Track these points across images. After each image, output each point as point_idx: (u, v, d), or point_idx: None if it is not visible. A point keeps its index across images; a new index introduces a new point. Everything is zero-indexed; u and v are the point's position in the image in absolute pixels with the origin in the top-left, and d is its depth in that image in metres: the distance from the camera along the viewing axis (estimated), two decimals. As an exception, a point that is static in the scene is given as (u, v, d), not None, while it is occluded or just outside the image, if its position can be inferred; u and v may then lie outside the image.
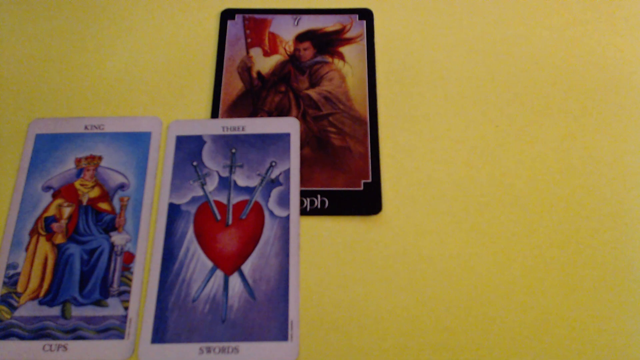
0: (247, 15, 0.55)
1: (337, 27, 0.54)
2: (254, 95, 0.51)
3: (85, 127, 0.49)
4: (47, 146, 0.48)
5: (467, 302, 0.43)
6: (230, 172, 0.47)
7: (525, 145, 0.48)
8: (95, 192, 0.46)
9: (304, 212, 0.46)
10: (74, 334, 0.42)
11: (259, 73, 0.52)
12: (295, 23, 0.54)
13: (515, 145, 0.48)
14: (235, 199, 0.46)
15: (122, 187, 0.47)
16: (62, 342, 0.41)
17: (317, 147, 0.48)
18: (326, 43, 0.53)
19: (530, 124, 0.49)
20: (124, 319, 0.42)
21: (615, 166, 0.47)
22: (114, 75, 0.52)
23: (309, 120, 0.50)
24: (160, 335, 0.41)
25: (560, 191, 0.47)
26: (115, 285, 0.43)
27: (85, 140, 0.49)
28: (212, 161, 0.47)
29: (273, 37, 0.54)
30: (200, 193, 0.46)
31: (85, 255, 0.44)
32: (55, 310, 0.42)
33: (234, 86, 0.51)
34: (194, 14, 0.55)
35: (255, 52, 0.53)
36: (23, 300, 0.43)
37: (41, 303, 0.43)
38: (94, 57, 0.53)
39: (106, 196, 0.46)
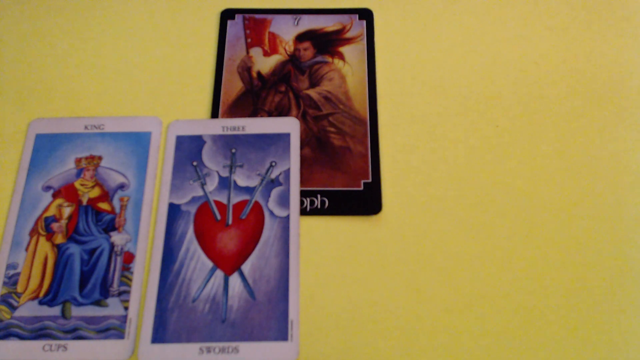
0: (247, 15, 0.55)
1: (337, 27, 0.54)
2: (254, 95, 0.51)
3: (85, 127, 0.49)
4: (47, 146, 0.48)
5: (467, 302, 0.43)
6: (230, 172, 0.47)
7: (525, 145, 0.48)
8: (95, 192, 0.46)
9: (304, 212, 0.46)
10: (74, 334, 0.42)
11: (259, 73, 0.52)
12: (295, 23, 0.54)
13: (515, 145, 0.48)
14: (235, 199, 0.46)
15: (122, 187, 0.47)
16: (62, 342, 0.41)
17: (317, 147, 0.48)
18: (326, 43, 0.53)
19: (530, 124, 0.49)
20: (124, 319, 0.42)
21: (615, 166, 0.47)
22: (114, 75, 0.52)
23: (309, 120, 0.50)
24: (160, 335, 0.41)
25: (560, 191, 0.47)
26: (115, 285, 0.43)
27: (85, 140, 0.49)
28: (212, 161, 0.47)
29: (273, 37, 0.54)
30: (200, 193, 0.46)
31: (85, 255, 0.44)
32: (55, 310, 0.42)
33: (234, 86, 0.51)
34: (194, 14, 0.55)
35: (255, 52, 0.53)
36: (23, 300, 0.43)
37: (41, 303, 0.43)
38: (94, 57, 0.53)
39: (106, 196, 0.46)
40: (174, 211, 0.46)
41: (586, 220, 0.45)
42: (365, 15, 0.55)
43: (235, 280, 0.43)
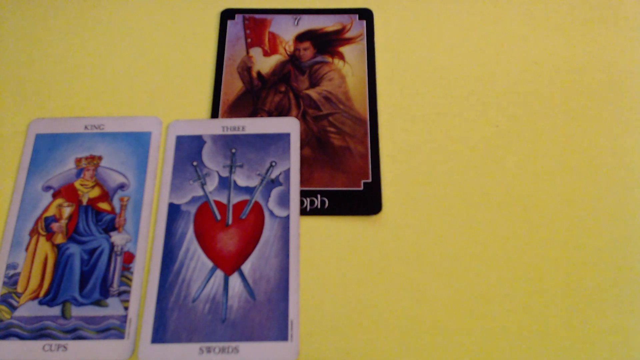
0: (247, 15, 0.55)
1: (337, 27, 0.54)
2: (254, 95, 0.51)
3: (85, 127, 0.49)
4: (47, 146, 0.48)
5: (467, 302, 0.43)
6: (230, 172, 0.47)
7: (525, 145, 0.48)
8: (95, 192, 0.46)
9: (304, 212, 0.46)
10: (74, 334, 0.42)
11: (259, 73, 0.52)
12: (295, 23, 0.54)
13: (515, 145, 0.48)
14: (235, 199, 0.46)
15: (122, 187, 0.47)
16: (62, 342, 0.41)
17: (317, 147, 0.48)
18: (326, 43, 0.53)
19: (530, 124, 0.49)
20: (124, 319, 0.42)
21: (615, 166, 0.47)
22: (114, 75, 0.52)
23: (309, 120, 0.50)
24: (160, 335, 0.41)
25: (560, 191, 0.47)
26: (115, 285, 0.43)
27: (85, 140, 0.49)
28: (212, 161, 0.47)
29: (273, 37, 0.54)
30: (200, 193, 0.46)
31: (85, 255, 0.44)
32: (55, 310, 0.42)
33: (234, 86, 0.51)
34: (194, 14, 0.55)
35: (255, 52, 0.53)
36: (23, 300, 0.43)
37: (41, 303, 0.43)
38: (94, 57, 0.53)
39: (106, 196, 0.46)
40: (174, 211, 0.46)
41: (586, 219, 0.45)
42: (365, 15, 0.55)
43: (235, 280, 0.43)
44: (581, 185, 0.47)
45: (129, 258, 0.44)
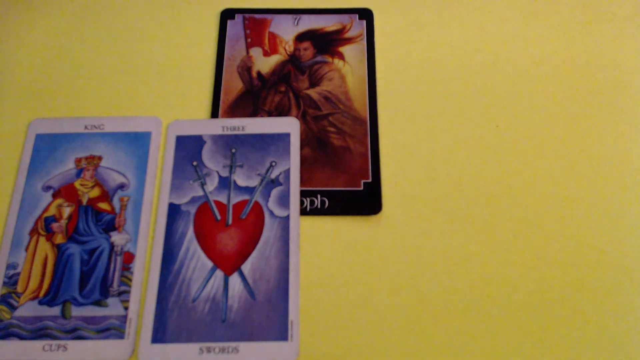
0: (247, 15, 0.55)
1: (337, 26, 0.54)
2: (254, 95, 0.51)
3: (85, 127, 0.49)
4: (47, 146, 0.48)
5: (467, 302, 0.43)
6: (230, 172, 0.47)
7: (526, 145, 0.48)
8: (95, 192, 0.46)
9: (304, 212, 0.46)
10: (74, 334, 0.42)
11: (259, 73, 0.52)
12: (295, 23, 0.54)
13: (515, 145, 0.48)
14: (235, 199, 0.46)
15: (122, 187, 0.47)
16: (62, 342, 0.41)
17: (317, 147, 0.48)
18: (326, 43, 0.53)
19: (530, 124, 0.49)
20: (124, 319, 0.42)
21: (615, 166, 0.47)
22: (114, 75, 0.52)
23: (309, 120, 0.50)
24: (160, 335, 0.41)
25: (560, 191, 0.47)
26: (115, 285, 0.43)
27: (85, 140, 0.49)
28: (212, 161, 0.47)
29: (273, 36, 0.54)
30: (200, 193, 0.46)
31: (85, 255, 0.44)
32: (55, 310, 0.42)
33: (234, 86, 0.51)
34: (194, 14, 0.55)
35: (255, 52, 0.53)
36: (23, 300, 0.43)
37: (41, 303, 0.43)
38: (94, 57, 0.53)
39: (106, 196, 0.46)
40: (174, 211, 0.46)
41: (587, 219, 0.45)
42: (365, 15, 0.55)
43: (235, 280, 0.43)
44: (581, 185, 0.47)
45: (129, 258, 0.44)
